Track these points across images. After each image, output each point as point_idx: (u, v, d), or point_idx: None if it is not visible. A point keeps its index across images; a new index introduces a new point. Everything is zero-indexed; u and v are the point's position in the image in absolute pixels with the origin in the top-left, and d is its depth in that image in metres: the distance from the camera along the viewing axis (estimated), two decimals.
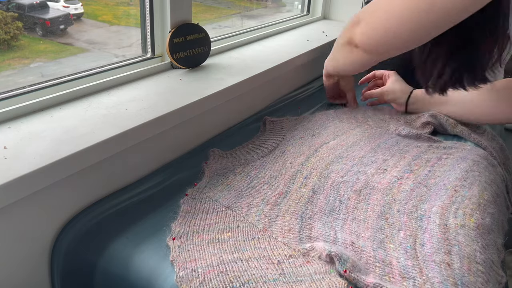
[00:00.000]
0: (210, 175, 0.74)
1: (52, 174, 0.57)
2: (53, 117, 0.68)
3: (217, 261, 0.55)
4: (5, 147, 0.58)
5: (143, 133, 0.69)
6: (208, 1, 1.29)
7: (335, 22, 1.54)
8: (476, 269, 0.55)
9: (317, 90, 1.20)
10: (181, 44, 0.90)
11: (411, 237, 0.60)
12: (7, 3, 0.78)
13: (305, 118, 0.98)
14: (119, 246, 0.60)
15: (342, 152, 0.81)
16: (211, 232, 0.61)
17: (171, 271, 0.55)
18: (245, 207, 0.67)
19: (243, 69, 0.95)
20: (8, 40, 0.75)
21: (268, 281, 0.52)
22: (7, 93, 0.68)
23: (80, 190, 0.66)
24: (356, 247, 0.58)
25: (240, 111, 0.98)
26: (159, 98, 0.78)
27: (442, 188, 0.70)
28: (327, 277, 0.53)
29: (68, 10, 0.87)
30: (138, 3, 0.89)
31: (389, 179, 0.72)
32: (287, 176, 0.74)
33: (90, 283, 0.61)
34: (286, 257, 0.57)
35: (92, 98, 0.76)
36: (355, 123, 0.96)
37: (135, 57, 0.90)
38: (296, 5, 1.58)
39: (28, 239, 0.61)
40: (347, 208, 0.66)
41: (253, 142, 0.88)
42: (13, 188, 0.53)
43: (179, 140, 0.83)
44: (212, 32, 0.99)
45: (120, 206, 0.68)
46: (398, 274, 0.54)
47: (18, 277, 0.61)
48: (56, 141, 0.61)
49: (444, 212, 0.64)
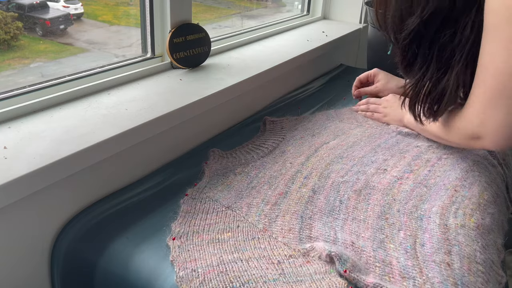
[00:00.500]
0: (210, 175, 0.74)
1: (52, 174, 0.57)
2: (53, 117, 0.68)
3: (217, 261, 0.55)
4: (5, 147, 0.58)
5: (143, 133, 0.69)
6: (208, 1, 1.29)
7: (335, 22, 1.54)
8: (476, 269, 0.55)
9: (317, 90, 1.20)
10: (181, 44, 0.90)
11: (411, 237, 0.60)
12: (7, 3, 0.78)
13: (305, 118, 0.98)
14: (119, 246, 0.60)
15: (342, 152, 0.81)
16: (211, 232, 0.61)
17: (171, 271, 0.55)
18: (245, 207, 0.67)
19: (243, 69, 0.95)
20: (8, 40, 0.75)
21: (268, 281, 0.52)
22: (7, 93, 0.68)
23: (80, 190, 0.66)
24: (356, 247, 0.58)
25: (240, 111, 0.98)
26: (159, 98, 0.78)
27: (442, 188, 0.70)
28: (327, 277, 0.53)
29: (68, 10, 0.87)
30: (138, 3, 0.89)
31: (389, 179, 0.72)
32: (287, 176, 0.74)
33: (90, 283, 0.61)
34: (286, 257, 0.57)
35: (92, 98, 0.76)
36: (356, 123, 0.96)
37: (135, 57, 0.90)
38: (296, 5, 1.58)
39: (28, 239, 0.61)
40: (347, 208, 0.66)
41: (253, 142, 0.88)
42: (13, 188, 0.53)
43: (179, 140, 0.83)
44: (212, 32, 0.99)
45: (120, 206, 0.68)
46: (398, 274, 0.54)
47: (18, 277, 0.61)
48: (56, 141, 0.61)
49: (444, 212, 0.64)
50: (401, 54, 0.72)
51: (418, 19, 0.66)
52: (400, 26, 0.70)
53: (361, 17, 1.52)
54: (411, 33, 0.68)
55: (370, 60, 1.19)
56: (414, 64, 0.71)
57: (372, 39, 1.15)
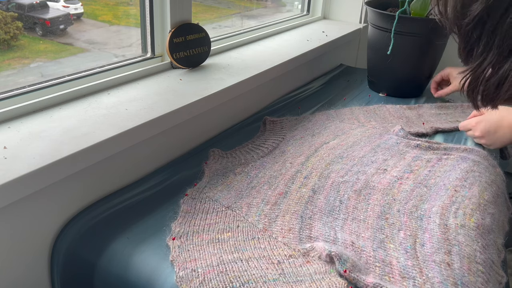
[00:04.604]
0: (210, 175, 0.74)
1: (52, 174, 0.57)
2: (53, 117, 0.68)
3: (217, 261, 0.55)
4: (5, 147, 0.58)
5: (143, 133, 0.69)
6: (208, 1, 1.29)
7: (335, 22, 1.54)
8: (476, 269, 0.55)
9: (317, 90, 1.20)
10: (181, 44, 0.90)
11: (411, 237, 0.60)
12: (7, 3, 0.78)
13: (305, 118, 0.98)
14: (119, 246, 0.60)
15: (342, 152, 0.81)
16: (211, 232, 0.61)
17: (171, 271, 0.55)
18: (245, 207, 0.67)
19: (243, 69, 0.95)
20: (8, 40, 0.75)
21: (268, 281, 0.52)
22: (7, 93, 0.68)
23: (80, 190, 0.66)
24: (356, 247, 0.58)
25: (240, 111, 0.98)
26: (159, 98, 0.78)
27: (442, 188, 0.70)
28: (327, 277, 0.53)
29: (68, 10, 0.87)
30: (138, 3, 0.89)
31: (389, 179, 0.72)
32: (287, 176, 0.74)
33: (90, 283, 0.61)
34: (286, 257, 0.57)
35: (92, 98, 0.76)
36: (357, 123, 0.96)
37: (135, 57, 0.90)
38: (296, 5, 1.58)
39: (28, 239, 0.61)
40: (347, 208, 0.66)
41: (253, 142, 0.88)
42: (13, 188, 0.53)
43: (179, 140, 0.83)
44: (212, 32, 0.99)
45: (120, 206, 0.68)
46: (398, 274, 0.54)
47: (18, 277, 0.61)
48: (56, 141, 0.61)
49: (444, 212, 0.64)
50: (463, 41, 0.72)
51: (482, 4, 0.66)
52: (462, 12, 0.69)
53: (361, 17, 1.52)
54: (475, 18, 0.67)
55: (370, 60, 1.19)
56: (476, 51, 0.71)
57: (372, 39, 1.15)
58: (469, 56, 0.73)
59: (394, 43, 1.06)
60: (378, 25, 1.09)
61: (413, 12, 1.06)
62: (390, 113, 1.02)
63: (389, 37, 1.06)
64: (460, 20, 0.69)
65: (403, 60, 1.09)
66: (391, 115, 1.01)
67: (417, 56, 1.08)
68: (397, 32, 1.04)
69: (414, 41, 1.05)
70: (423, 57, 1.08)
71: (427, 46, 1.06)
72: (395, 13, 1.02)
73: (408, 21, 1.03)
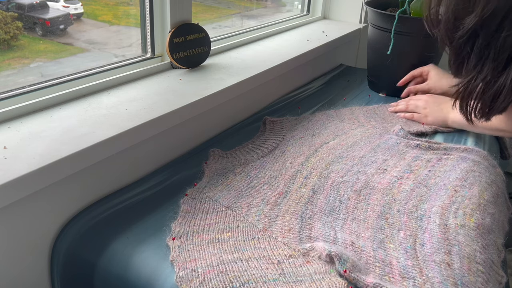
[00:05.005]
0: (210, 175, 0.74)
1: (52, 174, 0.57)
2: (53, 117, 0.68)
3: (217, 261, 0.55)
4: (5, 147, 0.58)
5: (143, 133, 0.69)
6: (208, 1, 1.29)
7: (335, 22, 1.54)
8: (476, 269, 0.55)
9: (317, 90, 1.20)
10: (181, 44, 0.90)
11: (411, 237, 0.60)
12: (7, 3, 0.78)
13: (305, 118, 0.98)
14: (119, 246, 0.60)
15: (342, 152, 0.81)
16: (211, 232, 0.61)
17: (171, 271, 0.55)
18: (245, 207, 0.67)
19: (243, 69, 0.95)
20: (8, 40, 0.75)
21: (268, 281, 0.52)
22: (7, 93, 0.68)
23: (80, 190, 0.66)
24: (356, 247, 0.58)
25: (240, 111, 0.98)
26: (159, 98, 0.78)
27: (442, 188, 0.70)
28: (327, 277, 0.53)
29: (68, 10, 0.87)
30: (138, 3, 0.89)
31: (389, 179, 0.72)
32: (287, 176, 0.74)
33: (90, 283, 0.61)
34: (286, 257, 0.57)
35: (92, 98, 0.76)
36: (357, 123, 0.96)
37: (135, 57, 0.90)
38: (296, 5, 1.58)
39: (28, 239, 0.61)
40: (347, 208, 0.66)
41: (253, 142, 0.88)
42: (13, 188, 0.53)
43: (179, 140, 0.83)
44: (212, 32, 0.99)
45: (120, 206, 0.68)
46: (398, 274, 0.54)
47: (18, 277, 0.61)
48: (56, 141, 0.61)
49: (444, 212, 0.64)
50: (454, 53, 0.70)
51: (476, 18, 0.64)
52: (455, 25, 0.67)
53: (361, 17, 1.52)
54: (468, 32, 0.66)
55: (370, 60, 1.19)
56: (468, 64, 0.70)
57: (372, 39, 1.15)
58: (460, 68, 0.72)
59: (394, 43, 1.06)
60: (378, 25, 1.09)
61: (413, 12, 1.06)
62: (390, 113, 1.01)
63: (389, 37, 1.06)
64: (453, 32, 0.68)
65: (403, 60, 1.09)
66: (391, 115, 1.01)
67: (417, 56, 1.08)
68: (397, 32, 1.04)
69: (414, 41, 1.05)
70: (423, 57, 1.08)
71: (427, 46, 1.06)
72: (395, 13, 1.02)
73: (408, 21, 1.03)
